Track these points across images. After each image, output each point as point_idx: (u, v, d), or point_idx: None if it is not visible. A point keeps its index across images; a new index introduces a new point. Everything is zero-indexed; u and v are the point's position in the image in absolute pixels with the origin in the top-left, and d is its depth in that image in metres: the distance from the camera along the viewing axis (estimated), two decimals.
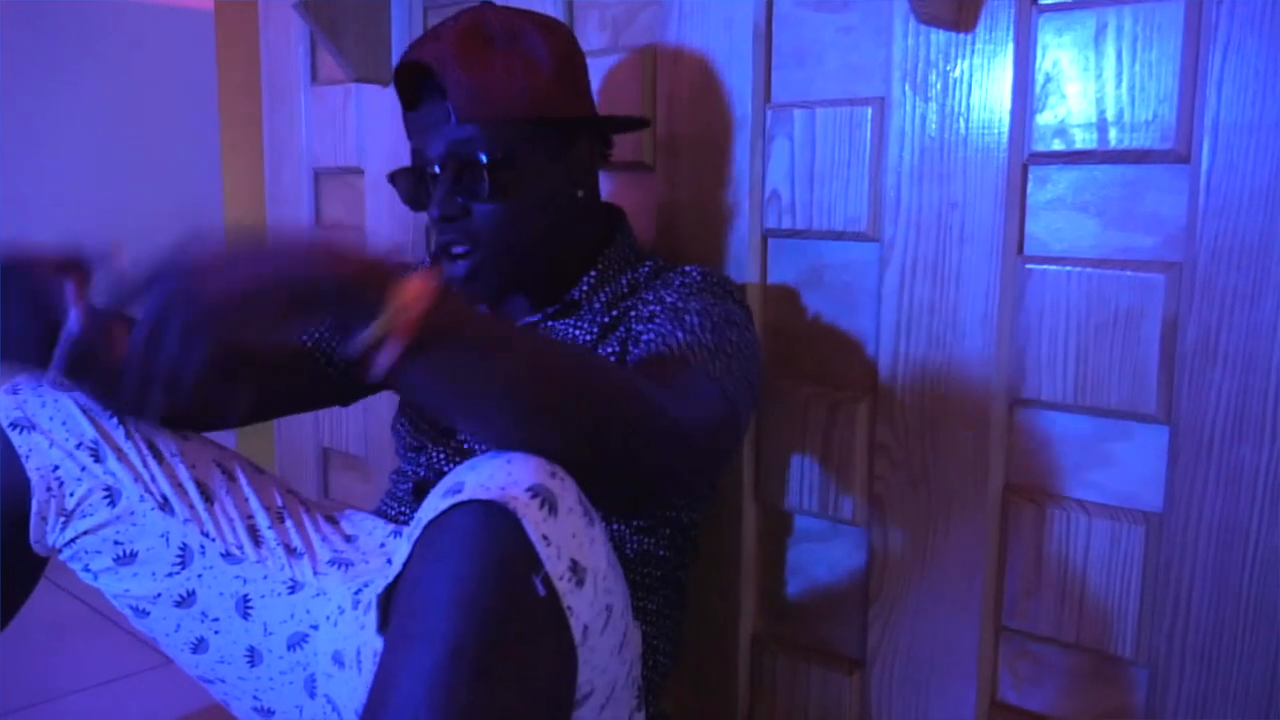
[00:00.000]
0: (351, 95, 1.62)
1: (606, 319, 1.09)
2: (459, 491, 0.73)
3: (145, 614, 1.07)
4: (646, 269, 1.12)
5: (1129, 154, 0.96)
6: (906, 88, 1.07)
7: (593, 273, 1.10)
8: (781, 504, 1.22)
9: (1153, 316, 0.96)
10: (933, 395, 1.09)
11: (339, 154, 1.65)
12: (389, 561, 1.06)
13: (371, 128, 1.59)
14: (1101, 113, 0.97)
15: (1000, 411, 1.06)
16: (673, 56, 1.24)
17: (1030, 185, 1.03)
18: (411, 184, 1.07)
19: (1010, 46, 1.01)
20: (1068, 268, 1.00)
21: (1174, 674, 0.98)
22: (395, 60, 1.51)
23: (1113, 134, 0.97)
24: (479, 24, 1.04)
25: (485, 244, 1.03)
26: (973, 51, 1.03)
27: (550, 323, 1.11)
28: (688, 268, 1.09)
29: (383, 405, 1.61)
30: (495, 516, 0.72)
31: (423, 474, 1.13)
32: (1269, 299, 0.90)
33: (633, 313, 1.07)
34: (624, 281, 1.11)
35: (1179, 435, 0.96)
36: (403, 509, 1.15)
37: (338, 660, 1.00)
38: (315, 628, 1.04)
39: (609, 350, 1.07)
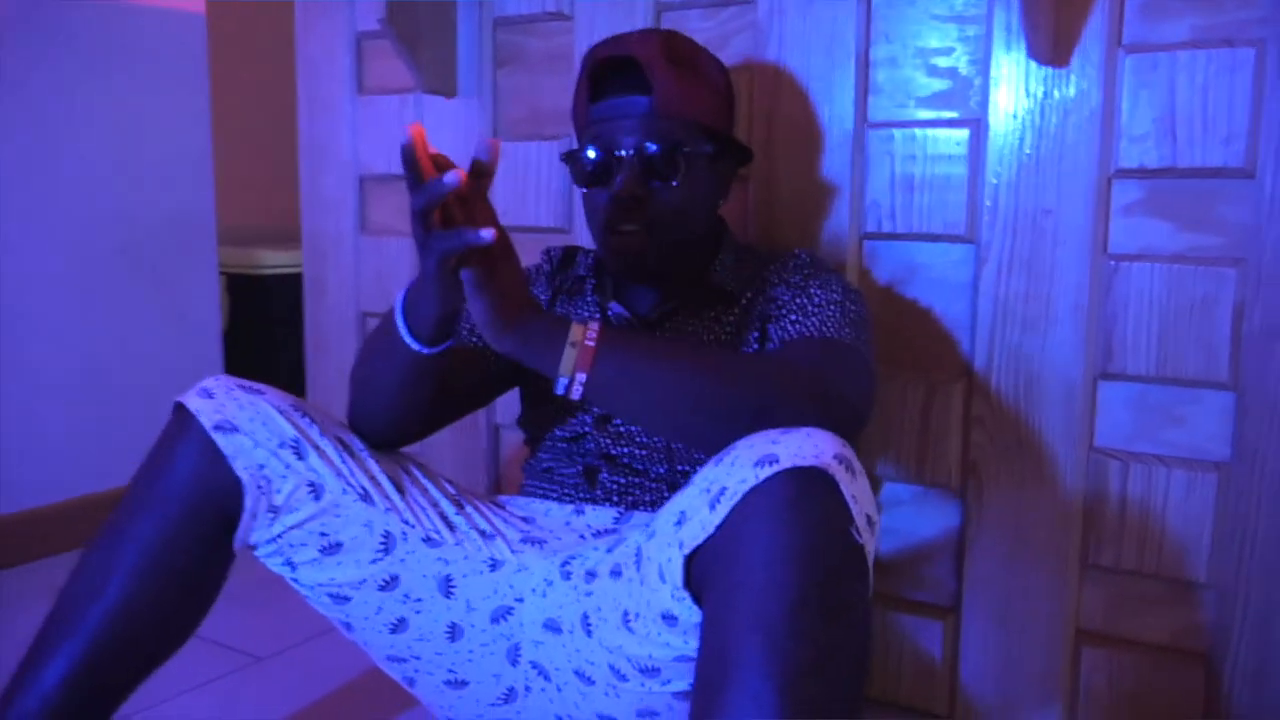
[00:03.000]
0: (409, 105, 1.68)
1: (744, 301, 1.23)
2: (775, 461, 0.86)
3: (346, 600, 1.13)
4: (757, 257, 1.27)
5: (1202, 171, 1.18)
6: (1006, 112, 1.26)
7: (718, 264, 1.25)
8: (876, 473, 1.39)
9: (1224, 302, 1.18)
10: (1026, 372, 1.28)
11: (393, 162, 1.71)
12: (582, 537, 1.16)
13: (433, 137, 1.66)
14: (1178, 137, 1.19)
15: (1088, 384, 1.26)
16: (772, 76, 1.39)
17: (1114, 195, 1.23)
18: (593, 164, 1.19)
19: (1099, 79, 1.21)
20: (1149, 263, 1.21)
21: (1241, 594, 1.20)
22: (461, 73, 1.60)
23: (1188, 154, 1.18)
24: (672, 41, 1.20)
25: (658, 225, 1.18)
26: (1067, 82, 1.23)
27: (690, 307, 1.24)
28: (795, 251, 1.27)
29: None
30: (817, 481, 0.85)
31: (590, 460, 1.24)
32: None
33: (761, 297, 1.23)
34: (743, 270, 1.26)
35: (1246, 397, 1.18)
36: (568, 491, 1.24)
37: (550, 627, 1.10)
38: (520, 600, 1.13)
39: (753, 329, 1.21)
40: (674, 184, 1.17)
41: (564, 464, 1.26)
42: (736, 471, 0.88)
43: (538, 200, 1.59)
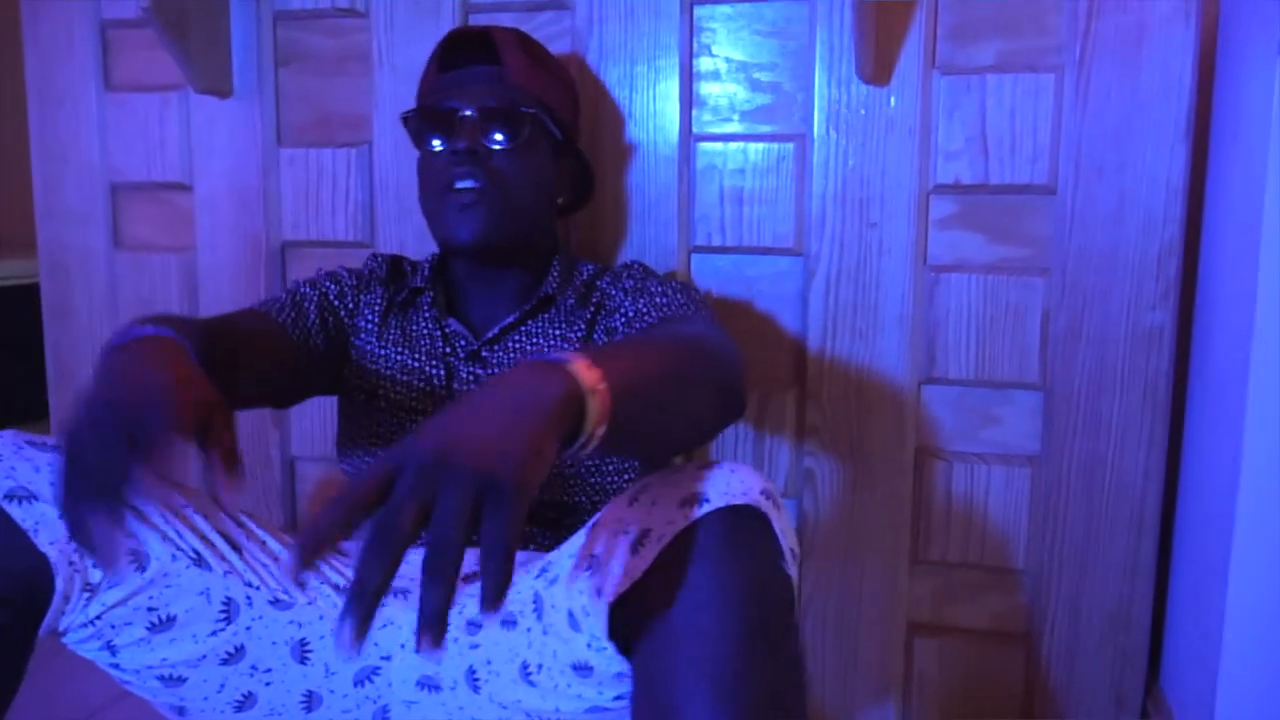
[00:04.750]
0: (172, 106, 1.49)
1: (587, 313, 1.19)
2: (705, 500, 0.83)
3: (180, 681, 0.99)
4: (591, 270, 1.24)
5: (1010, 187, 1.27)
6: (829, 128, 1.29)
7: (554, 274, 1.20)
8: None
9: (1034, 309, 1.28)
10: (856, 380, 1.33)
11: (153, 168, 1.51)
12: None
13: (206, 141, 1.48)
14: (989, 155, 1.27)
15: (913, 389, 1.32)
16: (592, 86, 1.35)
17: (932, 209, 1.30)
18: (437, 124, 1.15)
19: (917, 99, 1.27)
20: (966, 274, 1.29)
21: (1054, 577, 1.31)
22: (237, 72, 1.45)
23: (998, 171, 1.27)
24: (527, 38, 1.21)
25: (496, 185, 1.13)
26: (886, 101, 1.28)
27: (530, 322, 1.19)
28: (628, 262, 1.25)
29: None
30: (750, 519, 0.83)
31: None
32: (1117, 292, 1.25)
33: (601, 310, 1.19)
34: (579, 282, 1.22)
35: (1054, 396, 1.28)
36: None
37: (427, 685, 1.01)
38: (387, 658, 1.03)
39: (599, 341, 1.18)
40: (515, 143, 1.14)
41: None
42: (660, 512, 0.85)
43: (334, 212, 1.46)
